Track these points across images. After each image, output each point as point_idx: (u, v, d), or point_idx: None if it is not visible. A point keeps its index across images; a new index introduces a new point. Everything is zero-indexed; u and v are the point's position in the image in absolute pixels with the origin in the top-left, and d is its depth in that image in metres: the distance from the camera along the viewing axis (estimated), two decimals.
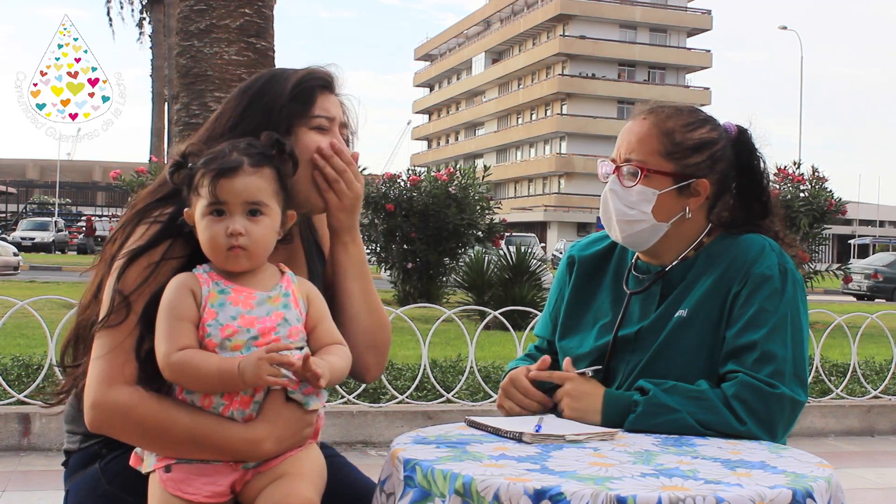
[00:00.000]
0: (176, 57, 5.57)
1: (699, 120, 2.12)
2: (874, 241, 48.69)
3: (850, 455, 5.96)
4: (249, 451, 1.65)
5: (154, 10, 38.39)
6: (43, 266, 26.70)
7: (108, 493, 1.81)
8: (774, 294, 1.98)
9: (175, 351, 1.61)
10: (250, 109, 1.86)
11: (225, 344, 1.63)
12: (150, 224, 1.77)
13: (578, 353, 2.16)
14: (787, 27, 60.55)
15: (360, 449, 5.50)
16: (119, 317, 1.68)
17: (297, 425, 1.69)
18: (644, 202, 2.07)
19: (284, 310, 1.69)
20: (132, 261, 1.72)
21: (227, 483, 1.67)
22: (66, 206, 52.76)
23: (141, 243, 1.73)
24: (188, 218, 1.71)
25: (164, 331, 1.63)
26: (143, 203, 1.83)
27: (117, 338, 1.68)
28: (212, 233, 1.66)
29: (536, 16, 68.47)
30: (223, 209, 1.66)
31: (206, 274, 1.69)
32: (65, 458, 1.94)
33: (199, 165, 1.69)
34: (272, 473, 1.67)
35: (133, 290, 1.69)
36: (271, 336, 1.65)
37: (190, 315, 1.64)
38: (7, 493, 4.47)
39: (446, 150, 79.31)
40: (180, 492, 1.64)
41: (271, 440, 1.65)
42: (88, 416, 1.68)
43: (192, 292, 1.65)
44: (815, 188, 13.74)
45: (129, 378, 1.67)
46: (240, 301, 1.66)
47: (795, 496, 1.46)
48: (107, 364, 1.67)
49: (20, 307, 5.65)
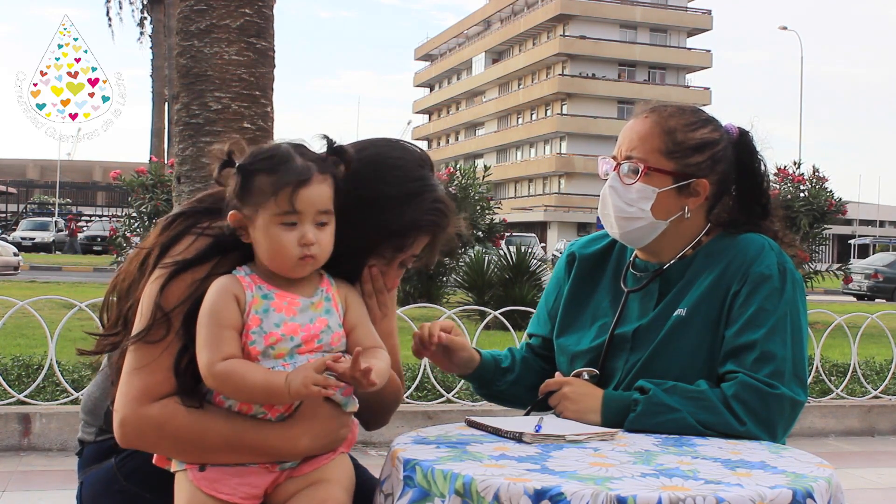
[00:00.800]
0: (176, 57, 5.57)
1: (701, 120, 2.12)
2: (874, 241, 48.68)
3: (850, 455, 5.96)
4: (287, 449, 1.64)
5: (154, 10, 38.37)
6: (43, 266, 26.69)
7: (126, 489, 1.80)
8: (774, 293, 1.98)
9: (219, 360, 1.58)
10: (368, 186, 1.75)
11: (268, 352, 1.61)
12: (199, 237, 1.71)
13: (576, 350, 2.16)
14: (787, 27, 60.60)
15: (360, 449, 5.50)
16: (158, 333, 1.64)
17: (334, 424, 1.68)
18: (643, 200, 2.07)
19: (327, 315, 1.68)
20: (177, 274, 1.67)
21: (263, 485, 1.66)
22: (66, 206, 52.73)
23: (188, 256, 1.68)
24: (233, 220, 1.65)
25: (206, 338, 1.60)
26: (191, 210, 1.77)
27: (153, 353, 1.64)
28: (284, 242, 1.62)
29: (536, 16, 68.45)
30: (296, 219, 1.63)
31: (248, 277, 1.66)
32: (79, 447, 1.92)
33: (258, 168, 1.64)
34: (306, 479, 1.67)
35: (175, 307, 1.65)
36: (314, 344, 1.64)
37: (234, 322, 1.61)
38: (7, 493, 4.47)
39: (446, 150, 79.24)
40: (215, 491, 1.63)
41: (308, 436, 1.64)
42: (119, 433, 1.65)
43: (235, 298, 1.62)
44: (815, 188, 13.75)
45: (164, 395, 1.65)
46: (283, 307, 1.64)
47: (795, 496, 1.46)
48: (140, 381, 1.64)
49: (20, 307, 5.65)
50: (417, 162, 1.84)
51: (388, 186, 1.78)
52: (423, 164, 1.85)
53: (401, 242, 1.81)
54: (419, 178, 1.82)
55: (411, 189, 1.80)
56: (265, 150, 1.68)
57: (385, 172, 1.80)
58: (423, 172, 1.83)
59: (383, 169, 1.80)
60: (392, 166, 1.81)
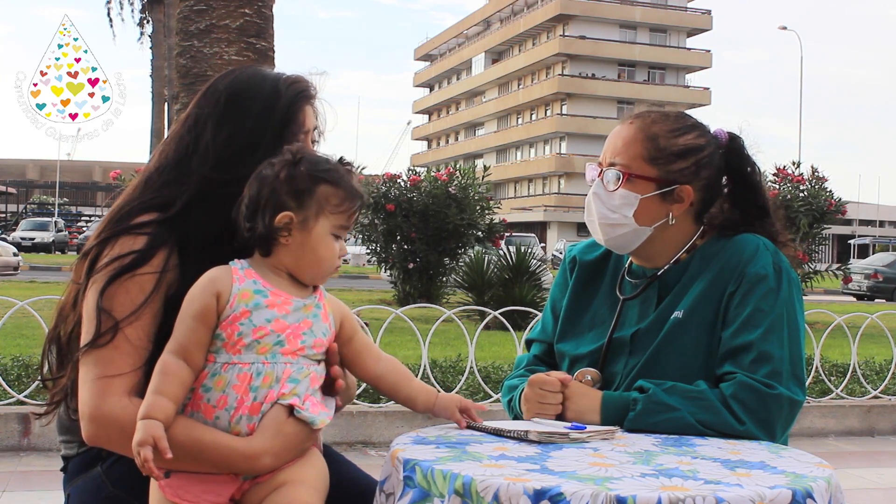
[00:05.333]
0: (176, 57, 5.57)
1: (686, 126, 2.11)
2: (874, 241, 48.69)
3: (850, 455, 5.96)
4: (247, 466, 1.64)
5: (154, 10, 38.33)
6: (43, 266, 26.70)
7: (114, 496, 1.80)
8: (770, 294, 1.98)
9: (171, 349, 1.62)
10: (235, 123, 1.86)
11: (253, 345, 1.63)
12: (135, 236, 1.75)
13: (575, 354, 2.16)
14: (787, 27, 60.59)
15: (359, 449, 5.50)
16: (106, 339, 1.68)
17: (298, 441, 1.67)
18: (626, 206, 2.06)
19: (313, 319, 1.70)
20: (115, 278, 1.70)
21: (227, 493, 1.66)
22: (66, 206, 52.74)
23: (126, 262, 1.72)
24: (282, 220, 1.67)
25: (176, 324, 1.65)
26: (119, 212, 1.81)
27: (108, 355, 1.68)
28: (333, 252, 1.71)
29: (536, 16, 68.46)
30: (343, 234, 1.73)
31: (243, 271, 1.68)
32: (63, 463, 1.93)
33: (324, 178, 1.69)
34: (272, 483, 1.66)
35: (128, 316, 1.69)
36: (297, 344, 1.66)
37: (202, 312, 1.63)
38: (7, 493, 4.48)
39: (446, 150, 79.29)
40: (178, 498, 1.63)
41: (270, 455, 1.63)
42: (85, 430, 1.68)
43: (217, 290, 1.64)
44: (815, 188, 13.74)
45: (125, 391, 1.67)
46: (276, 304, 1.66)
47: (795, 496, 1.46)
48: (101, 381, 1.67)
49: (20, 307, 5.65)
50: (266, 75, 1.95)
51: (253, 102, 1.87)
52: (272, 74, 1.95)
53: (290, 124, 1.88)
54: (271, 77, 1.93)
55: (270, 83, 1.90)
56: (324, 161, 1.72)
57: (245, 100, 1.88)
58: (271, 75, 1.94)
59: (243, 98, 1.89)
60: (249, 95, 1.89)
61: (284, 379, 1.64)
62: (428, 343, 5.99)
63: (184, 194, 1.81)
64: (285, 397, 1.64)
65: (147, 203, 1.81)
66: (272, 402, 1.64)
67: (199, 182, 1.81)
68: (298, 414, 1.65)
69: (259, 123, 1.85)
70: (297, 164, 1.69)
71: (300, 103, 1.90)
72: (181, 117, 1.93)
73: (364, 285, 22.49)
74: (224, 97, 1.88)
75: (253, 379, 1.63)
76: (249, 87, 1.89)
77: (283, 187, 1.67)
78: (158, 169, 1.87)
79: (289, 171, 1.68)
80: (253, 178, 1.71)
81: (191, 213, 1.80)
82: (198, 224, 1.79)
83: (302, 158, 1.70)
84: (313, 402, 1.67)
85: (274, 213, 1.66)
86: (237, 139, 1.84)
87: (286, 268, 1.70)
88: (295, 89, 1.91)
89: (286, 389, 1.64)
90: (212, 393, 1.64)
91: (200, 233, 1.79)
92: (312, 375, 1.68)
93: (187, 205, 1.80)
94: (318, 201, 1.68)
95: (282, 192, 1.67)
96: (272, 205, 1.67)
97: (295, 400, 1.64)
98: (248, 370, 1.63)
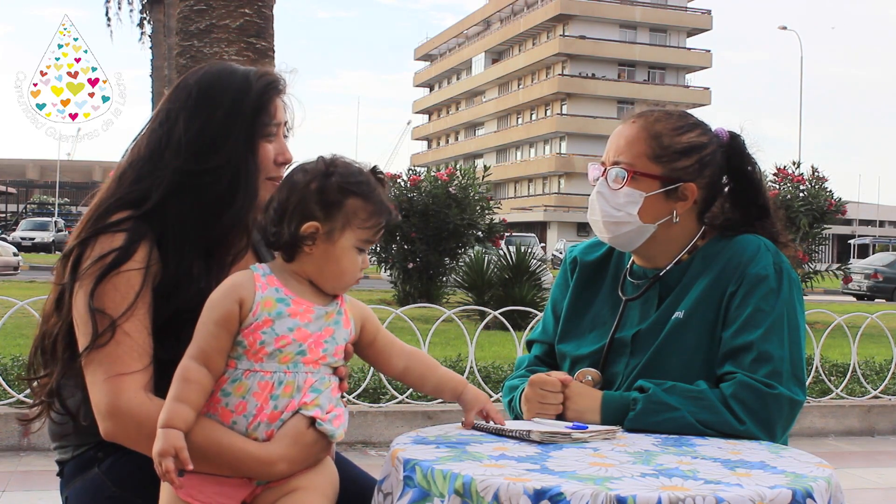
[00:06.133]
0: (176, 57, 5.57)
1: (689, 124, 2.12)
2: (874, 241, 48.68)
3: (850, 455, 5.96)
4: (262, 471, 1.64)
5: (154, 10, 38.32)
6: (43, 266, 26.67)
7: (117, 495, 1.80)
8: (770, 294, 1.98)
9: (190, 355, 1.61)
10: (207, 114, 1.86)
11: (276, 354, 1.62)
12: (113, 234, 1.76)
13: (576, 355, 2.16)
14: (787, 27, 60.59)
15: (359, 449, 5.50)
16: (106, 338, 1.69)
17: (315, 451, 1.67)
18: (630, 204, 2.07)
19: (335, 326, 1.69)
20: (102, 278, 1.71)
21: (239, 496, 1.66)
22: (66, 206, 52.73)
23: (108, 261, 1.72)
24: (309, 230, 1.65)
25: (196, 328, 1.63)
26: (96, 210, 1.82)
27: (112, 353, 1.68)
28: (355, 265, 1.69)
29: (536, 16, 68.47)
30: (366, 248, 1.71)
31: (265, 278, 1.66)
32: (59, 467, 1.92)
33: (353, 190, 1.67)
34: (284, 488, 1.66)
35: (123, 312, 1.70)
36: (319, 353, 1.65)
37: (225, 318, 1.62)
38: (7, 493, 4.48)
39: (446, 150, 79.30)
40: (191, 498, 1.63)
41: (285, 462, 1.64)
42: (103, 428, 1.68)
43: (241, 296, 1.63)
44: (815, 188, 13.75)
45: (139, 386, 1.68)
46: (298, 314, 1.65)
47: (795, 496, 1.45)
48: (113, 379, 1.67)
49: (20, 307, 5.65)
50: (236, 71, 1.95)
51: (224, 94, 1.88)
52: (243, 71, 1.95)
53: (261, 114, 1.88)
54: (241, 71, 1.94)
55: (240, 78, 1.92)
56: (357, 172, 1.70)
57: (216, 92, 1.89)
58: (241, 69, 1.95)
59: (214, 91, 1.89)
60: (220, 87, 1.90)
61: (306, 388, 1.64)
62: (428, 343, 5.98)
63: (158, 188, 1.82)
64: (307, 407, 1.63)
65: (123, 199, 1.82)
66: (293, 412, 1.63)
67: (172, 174, 1.82)
68: (320, 426, 1.64)
69: (230, 114, 1.86)
70: (330, 174, 1.67)
71: (270, 94, 1.92)
72: (153, 114, 1.94)
73: (364, 285, 22.44)
74: (195, 90, 1.89)
75: (274, 388, 1.62)
76: (220, 80, 1.90)
77: (312, 196, 1.65)
78: (132, 164, 1.88)
79: (320, 181, 1.66)
80: (283, 181, 1.71)
81: (167, 206, 1.81)
82: (174, 216, 1.81)
83: (335, 169, 1.68)
84: (338, 414, 1.67)
85: (301, 222, 1.65)
86: (209, 130, 1.85)
87: (308, 276, 1.69)
88: (265, 80, 1.92)
89: (308, 399, 1.63)
90: (231, 398, 1.63)
91: (178, 224, 1.80)
92: (334, 385, 1.68)
93: (163, 198, 1.81)
94: (346, 214, 1.66)
95: (310, 201, 1.65)
96: (300, 213, 1.65)
97: (317, 412, 1.63)
98: (269, 378, 1.62)
